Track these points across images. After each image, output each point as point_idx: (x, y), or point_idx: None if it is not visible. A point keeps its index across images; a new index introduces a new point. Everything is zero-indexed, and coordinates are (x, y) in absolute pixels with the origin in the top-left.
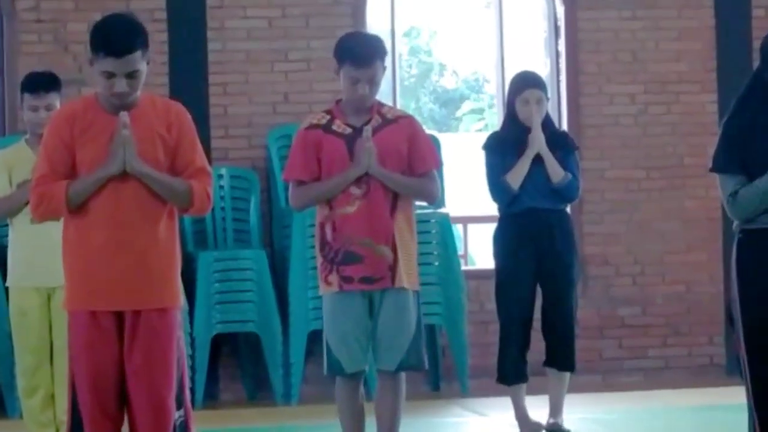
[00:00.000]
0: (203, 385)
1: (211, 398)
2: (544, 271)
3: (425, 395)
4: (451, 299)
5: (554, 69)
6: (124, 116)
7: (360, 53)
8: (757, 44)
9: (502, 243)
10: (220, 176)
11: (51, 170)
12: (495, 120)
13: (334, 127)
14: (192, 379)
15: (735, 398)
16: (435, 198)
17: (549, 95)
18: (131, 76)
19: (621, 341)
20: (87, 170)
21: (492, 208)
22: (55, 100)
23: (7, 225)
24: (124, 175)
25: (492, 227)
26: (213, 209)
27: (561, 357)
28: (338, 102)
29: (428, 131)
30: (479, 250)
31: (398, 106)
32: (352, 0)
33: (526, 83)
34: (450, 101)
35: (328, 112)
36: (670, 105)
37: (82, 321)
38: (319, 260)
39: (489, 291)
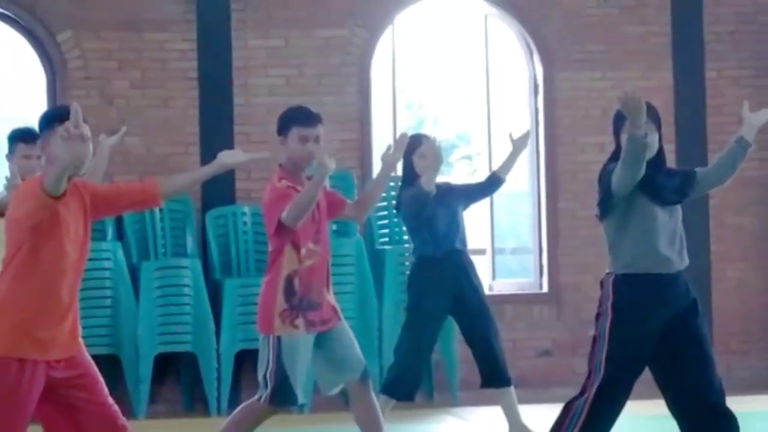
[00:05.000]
0: (227, 395)
1: (235, 406)
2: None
3: (420, 405)
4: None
5: (534, 122)
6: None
7: (307, 114)
8: (711, 102)
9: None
10: (244, 213)
11: None
12: (483, 165)
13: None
14: (218, 390)
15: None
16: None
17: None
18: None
19: None
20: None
21: (478, 241)
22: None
23: None
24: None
25: (478, 259)
26: (237, 242)
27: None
28: (281, 167)
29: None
30: None
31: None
32: (358, 61)
33: (421, 138)
34: (443, 149)
35: (282, 179)
36: None
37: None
38: (283, 306)
39: None
